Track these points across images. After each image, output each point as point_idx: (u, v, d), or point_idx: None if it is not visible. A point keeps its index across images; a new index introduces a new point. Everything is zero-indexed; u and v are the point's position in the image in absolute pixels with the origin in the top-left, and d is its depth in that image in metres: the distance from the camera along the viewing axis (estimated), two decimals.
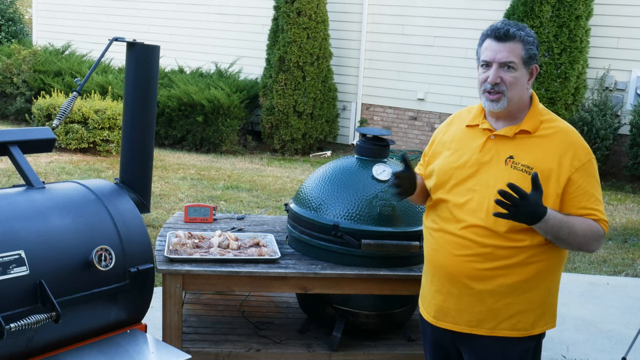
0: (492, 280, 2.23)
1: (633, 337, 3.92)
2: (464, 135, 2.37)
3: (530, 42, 2.23)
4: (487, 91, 2.25)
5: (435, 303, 2.39)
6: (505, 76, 2.21)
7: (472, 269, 2.24)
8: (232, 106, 10.19)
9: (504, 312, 2.25)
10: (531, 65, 2.26)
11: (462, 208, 2.26)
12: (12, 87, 11.89)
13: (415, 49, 10.63)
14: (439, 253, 2.34)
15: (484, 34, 2.28)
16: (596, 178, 2.26)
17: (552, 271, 2.28)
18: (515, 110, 2.28)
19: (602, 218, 2.22)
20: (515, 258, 2.21)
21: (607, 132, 8.70)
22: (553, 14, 8.68)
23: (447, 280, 2.32)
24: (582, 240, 2.19)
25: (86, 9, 13.70)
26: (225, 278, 3.01)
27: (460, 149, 2.35)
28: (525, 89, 2.27)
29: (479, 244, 2.21)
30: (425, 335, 2.52)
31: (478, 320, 2.28)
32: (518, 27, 2.23)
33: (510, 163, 2.23)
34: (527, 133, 2.26)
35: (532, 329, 2.28)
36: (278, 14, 10.40)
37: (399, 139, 10.99)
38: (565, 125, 2.29)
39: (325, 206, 3.15)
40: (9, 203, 2.12)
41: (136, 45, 2.51)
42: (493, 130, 2.29)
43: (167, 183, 7.83)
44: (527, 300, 2.25)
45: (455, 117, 2.50)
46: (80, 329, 2.18)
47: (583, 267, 5.66)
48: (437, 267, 2.36)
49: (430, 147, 2.51)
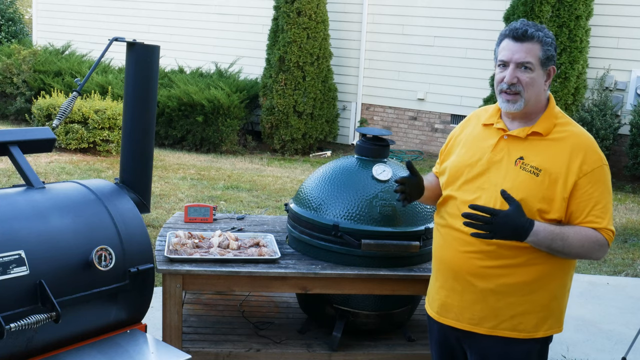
0: (495, 279, 2.23)
1: (633, 337, 3.92)
2: (479, 134, 2.38)
3: (549, 43, 2.21)
4: (504, 91, 2.23)
5: (438, 298, 2.41)
6: (522, 76, 2.20)
7: (475, 265, 2.24)
8: (232, 106, 10.19)
9: (506, 311, 2.25)
10: (549, 67, 2.24)
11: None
12: (12, 87, 11.89)
13: (415, 49, 10.63)
14: (444, 249, 2.35)
15: (503, 33, 2.26)
16: (606, 185, 2.21)
17: (557, 275, 2.26)
18: (532, 112, 2.26)
19: (604, 227, 2.18)
20: (518, 258, 2.20)
21: (607, 132, 8.70)
22: (553, 14, 8.68)
23: (451, 276, 2.33)
24: (580, 251, 2.18)
25: (86, 9, 13.70)
26: (225, 278, 3.01)
27: (473, 147, 2.35)
28: (543, 90, 2.25)
29: (483, 242, 2.21)
30: (432, 334, 2.52)
31: (479, 318, 2.29)
32: (537, 27, 2.21)
33: (520, 164, 2.22)
34: (539, 135, 2.25)
35: (535, 331, 2.27)
36: (278, 14, 10.40)
37: (399, 139, 10.99)
38: (579, 130, 2.27)
39: (325, 206, 3.14)
40: (9, 203, 2.12)
41: (136, 45, 2.51)
42: (507, 130, 2.29)
43: (167, 183, 7.83)
44: (529, 301, 2.24)
45: (472, 116, 2.50)
46: (80, 329, 2.18)
47: (583, 267, 5.66)
48: (442, 263, 2.38)
49: (447, 146, 2.52)
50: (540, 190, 2.17)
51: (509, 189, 2.18)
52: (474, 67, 9.95)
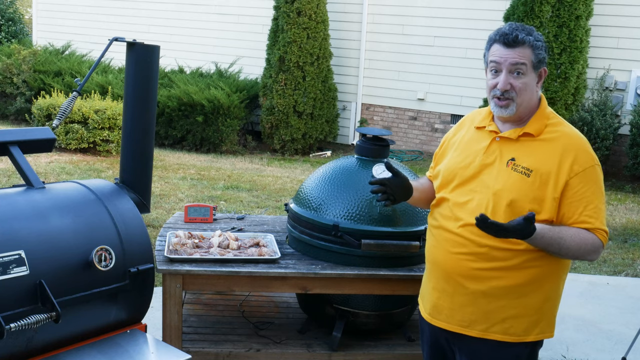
0: (486, 281, 2.22)
1: (633, 337, 3.92)
2: (472, 136, 2.38)
3: (539, 46, 2.21)
4: (497, 97, 2.23)
5: (430, 300, 2.40)
6: (515, 82, 2.20)
7: (466, 267, 2.24)
8: (232, 106, 10.19)
9: (497, 315, 2.24)
10: (540, 69, 2.24)
11: (463, 207, 2.26)
12: (12, 87, 11.89)
13: (415, 49, 10.64)
14: (437, 250, 2.35)
15: (492, 38, 2.25)
16: (598, 185, 2.21)
17: (550, 278, 2.25)
18: (523, 114, 2.26)
19: (598, 227, 2.17)
20: (511, 261, 2.19)
21: (607, 132, 8.70)
22: (553, 14, 8.68)
23: (443, 277, 2.33)
24: (577, 254, 2.17)
25: (86, 9, 13.71)
26: (225, 278, 3.01)
27: (466, 150, 2.35)
28: (534, 92, 2.25)
29: (475, 243, 2.21)
30: (423, 334, 2.52)
31: (470, 320, 2.28)
32: (526, 31, 2.20)
33: (511, 165, 2.22)
34: (530, 136, 2.25)
35: (525, 335, 2.26)
36: (278, 14, 10.40)
37: (399, 139, 10.99)
38: (570, 130, 2.27)
39: (325, 206, 3.15)
40: (9, 203, 2.12)
41: (136, 45, 2.51)
42: (499, 132, 2.29)
43: (167, 183, 7.83)
44: (521, 305, 2.23)
45: (466, 119, 2.50)
46: (80, 329, 2.18)
47: (583, 267, 5.66)
48: (434, 264, 2.38)
49: (440, 149, 2.52)
50: (531, 190, 2.17)
51: (499, 190, 2.18)
52: (474, 67, 9.95)
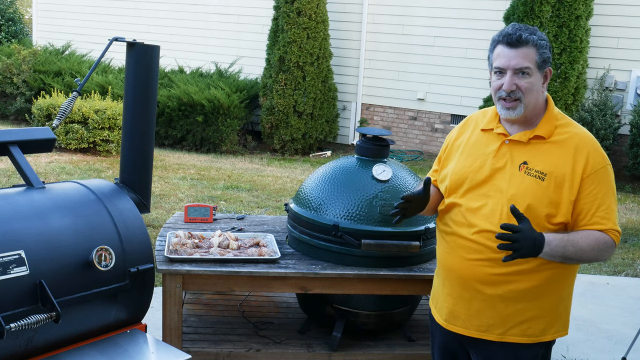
0: (504, 286, 2.21)
1: (633, 337, 3.92)
2: (479, 139, 2.34)
3: (544, 45, 2.19)
4: (503, 98, 2.21)
5: (446, 306, 2.37)
6: (521, 82, 2.17)
7: (483, 273, 2.22)
8: (232, 106, 10.19)
9: (515, 318, 2.23)
10: (545, 69, 2.22)
11: (476, 213, 2.23)
12: (12, 87, 11.89)
13: (415, 49, 10.63)
14: (451, 256, 2.31)
15: (495, 40, 2.23)
16: (610, 186, 2.20)
17: (565, 278, 2.25)
18: (531, 115, 2.24)
19: (611, 228, 2.16)
20: (527, 264, 2.17)
21: (607, 132, 8.69)
22: (553, 14, 8.68)
23: (459, 284, 2.30)
24: (591, 255, 2.16)
25: (86, 9, 13.70)
26: (225, 278, 3.01)
27: (474, 153, 2.31)
28: (541, 93, 2.23)
29: (491, 249, 2.18)
30: (434, 337, 2.50)
31: (488, 325, 2.26)
32: (530, 31, 2.18)
33: (524, 169, 2.19)
34: (541, 138, 2.22)
35: (542, 335, 2.26)
36: (278, 14, 10.40)
37: (399, 139, 10.99)
38: (580, 131, 2.24)
39: (325, 206, 3.14)
40: (9, 203, 2.12)
41: (136, 45, 2.51)
42: (507, 135, 2.26)
43: (167, 183, 7.83)
44: (538, 306, 2.23)
45: (469, 120, 2.46)
46: (80, 329, 2.18)
47: (583, 267, 5.66)
48: (449, 271, 2.34)
49: (444, 151, 2.48)
50: (546, 194, 2.15)
51: (514, 195, 2.16)
52: (474, 67, 9.95)
